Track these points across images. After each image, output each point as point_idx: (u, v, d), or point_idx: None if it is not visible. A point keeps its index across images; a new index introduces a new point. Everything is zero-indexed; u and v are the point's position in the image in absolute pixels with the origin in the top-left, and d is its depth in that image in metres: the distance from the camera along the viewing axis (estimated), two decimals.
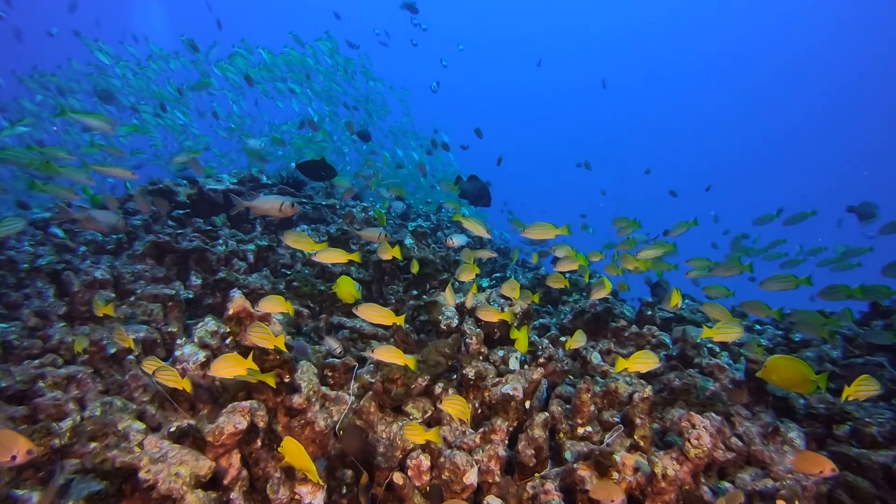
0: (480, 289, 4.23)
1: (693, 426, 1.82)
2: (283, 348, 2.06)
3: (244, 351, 2.10)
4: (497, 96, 37.01)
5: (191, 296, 3.22)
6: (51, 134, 5.97)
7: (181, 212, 4.51)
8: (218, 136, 6.36)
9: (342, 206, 5.22)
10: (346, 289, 2.87)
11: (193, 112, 6.39)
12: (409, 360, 2.01)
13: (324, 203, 4.96)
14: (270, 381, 1.95)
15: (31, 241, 3.93)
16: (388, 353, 2.00)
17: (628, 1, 31.02)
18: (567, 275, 4.62)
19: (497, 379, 2.34)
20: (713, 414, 2.08)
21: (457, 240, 3.55)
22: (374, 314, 2.03)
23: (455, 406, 1.94)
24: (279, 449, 1.72)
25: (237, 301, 2.06)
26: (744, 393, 2.36)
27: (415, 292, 3.48)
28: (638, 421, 2.10)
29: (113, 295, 2.64)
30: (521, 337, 2.60)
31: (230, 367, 1.86)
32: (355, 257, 2.54)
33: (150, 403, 2.20)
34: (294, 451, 1.69)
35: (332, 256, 2.52)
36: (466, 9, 31.86)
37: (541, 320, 3.69)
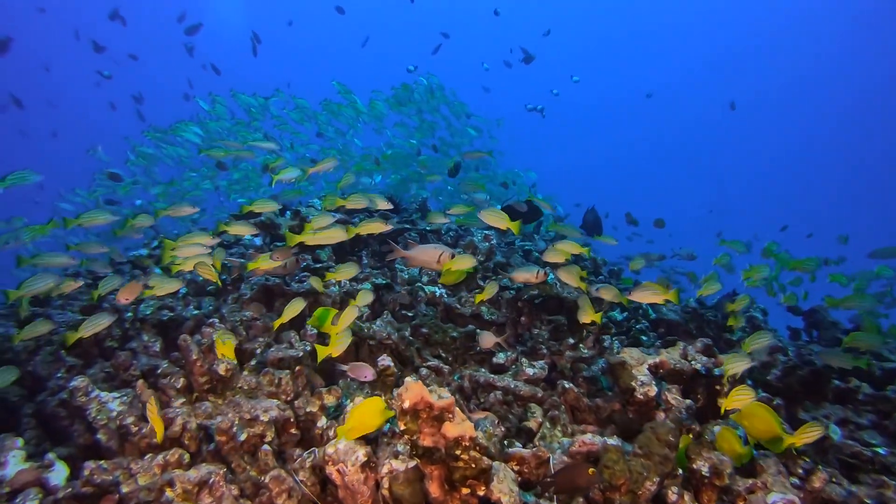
0: (629, 336, 3.60)
1: None
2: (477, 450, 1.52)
3: (424, 453, 1.57)
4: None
5: (307, 348, 2.75)
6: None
7: (280, 244, 4.13)
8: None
9: (445, 230, 4.72)
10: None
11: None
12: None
13: (427, 228, 4.47)
14: None
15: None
16: None
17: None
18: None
19: (750, 481, 1.71)
20: None
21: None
22: None
23: None
24: None
25: (413, 389, 1.54)
26: None
27: (571, 340, 2.89)
28: None
29: (235, 363, 2.19)
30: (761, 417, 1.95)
31: None
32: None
33: None
34: None
35: None
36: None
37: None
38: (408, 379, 1.62)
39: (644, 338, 3.70)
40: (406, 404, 1.54)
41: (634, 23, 29.90)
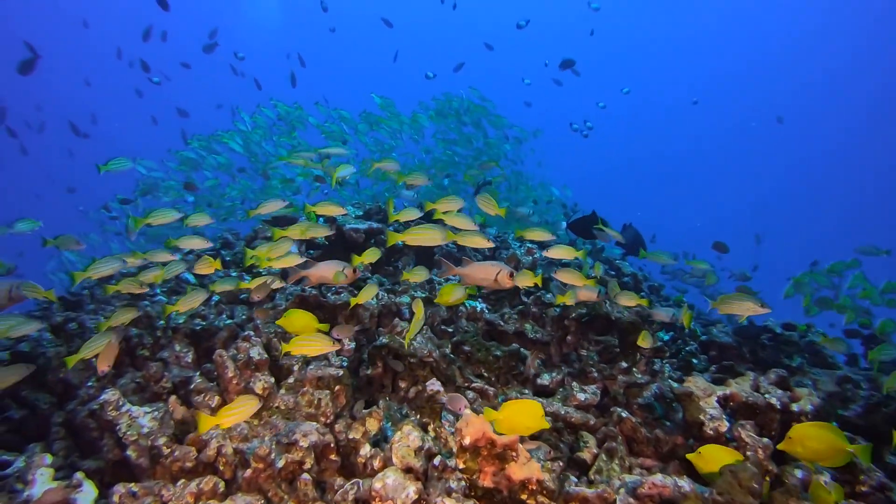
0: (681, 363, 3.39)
1: None
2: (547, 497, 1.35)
3: (483, 495, 1.41)
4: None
5: (345, 363, 2.61)
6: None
7: (312, 252, 4.02)
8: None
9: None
10: (300, 321, 2.28)
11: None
12: None
13: None
14: None
15: (164, 289, 3.55)
16: None
17: None
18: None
19: None
20: None
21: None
22: None
23: None
24: None
25: (475, 424, 1.38)
26: None
27: (624, 364, 2.70)
28: None
29: (272, 380, 2.06)
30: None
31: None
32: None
33: None
34: None
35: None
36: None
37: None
38: (467, 412, 1.46)
39: (695, 360, 3.48)
40: (467, 440, 1.39)
41: (653, 33, 29.46)
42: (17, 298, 2.61)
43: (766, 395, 2.07)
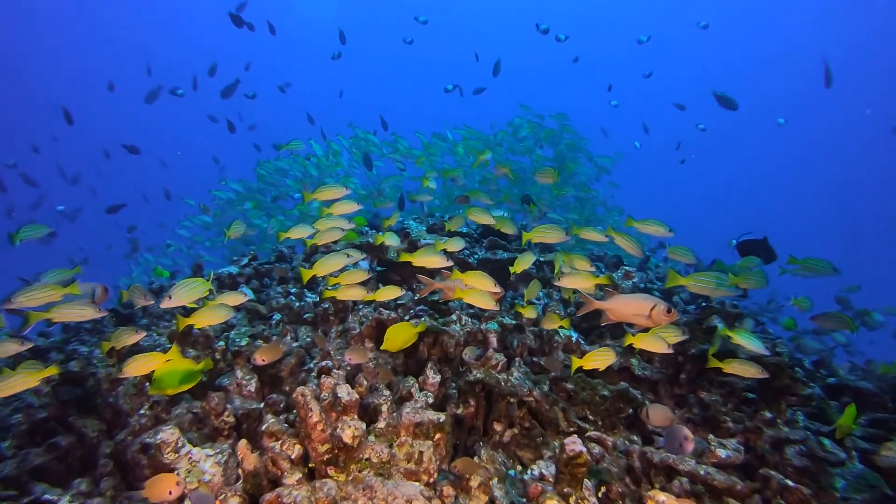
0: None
1: None
2: None
3: None
4: None
5: (430, 399, 2.21)
6: None
7: (381, 268, 3.69)
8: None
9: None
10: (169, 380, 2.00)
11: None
12: None
13: (543, 259, 3.91)
14: None
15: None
16: None
17: None
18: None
19: None
20: None
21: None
22: None
23: None
24: None
25: None
26: None
27: (768, 415, 2.23)
28: None
29: (363, 427, 1.69)
30: None
31: None
32: None
33: None
34: None
35: None
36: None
37: None
38: (661, 498, 1.05)
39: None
40: None
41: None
42: (100, 300, 2.42)
43: None
